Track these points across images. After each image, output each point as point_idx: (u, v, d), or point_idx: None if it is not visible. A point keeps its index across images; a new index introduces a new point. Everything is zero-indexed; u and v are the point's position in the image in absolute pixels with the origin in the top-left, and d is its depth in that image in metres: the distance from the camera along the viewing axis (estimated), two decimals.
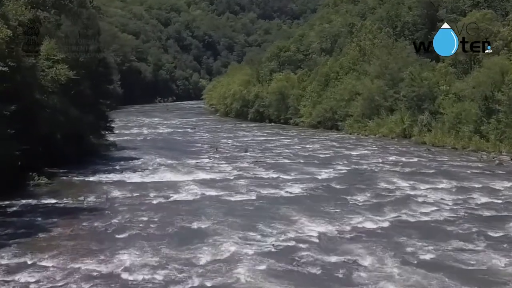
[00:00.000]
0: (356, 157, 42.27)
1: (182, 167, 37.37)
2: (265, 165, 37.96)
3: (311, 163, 39.18)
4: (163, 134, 62.89)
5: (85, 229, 20.79)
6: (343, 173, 34.84)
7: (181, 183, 30.74)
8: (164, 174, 34.17)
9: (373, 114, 61.20)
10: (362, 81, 64.50)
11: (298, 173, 34.23)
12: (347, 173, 34.89)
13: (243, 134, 62.72)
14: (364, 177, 33.06)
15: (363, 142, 53.56)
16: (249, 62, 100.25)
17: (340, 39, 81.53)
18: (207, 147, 49.79)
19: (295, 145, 51.13)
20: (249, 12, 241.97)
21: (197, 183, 30.58)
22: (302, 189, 28.95)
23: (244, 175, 33.64)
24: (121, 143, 51.27)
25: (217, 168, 37.14)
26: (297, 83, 77.11)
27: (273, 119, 79.01)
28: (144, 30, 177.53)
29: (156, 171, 35.45)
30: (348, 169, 36.26)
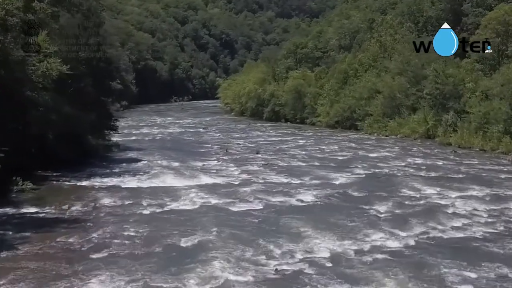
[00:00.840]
0: (376, 159, 38.98)
1: (186, 170, 34.44)
2: (276, 169, 34.84)
3: (327, 166, 35.98)
4: (173, 134, 60.03)
5: (58, 246, 17.80)
6: (362, 178, 31.57)
7: (182, 189, 27.75)
8: (165, 178, 31.20)
9: (394, 113, 57.86)
10: (383, 78, 61.13)
11: (312, 178, 31.05)
12: (366, 178, 31.61)
13: (257, 134, 59.63)
14: (385, 183, 29.78)
15: (383, 143, 50.19)
16: (265, 60, 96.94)
17: (359, 35, 78.00)
18: (216, 148, 46.79)
19: (310, 146, 47.91)
20: (267, 11, 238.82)
21: (199, 189, 27.57)
22: (315, 197, 25.76)
23: (252, 180, 30.53)
24: (127, 144, 48.67)
25: (224, 171, 34.11)
26: (314, 81, 73.82)
27: (289, 119, 75.82)
28: (160, 29, 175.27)
29: (158, 174, 32.50)
30: (367, 174, 32.99)
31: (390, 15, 73.47)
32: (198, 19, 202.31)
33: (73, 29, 38.71)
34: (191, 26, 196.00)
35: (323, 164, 36.72)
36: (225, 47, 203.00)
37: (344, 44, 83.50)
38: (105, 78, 41.30)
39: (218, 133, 60.97)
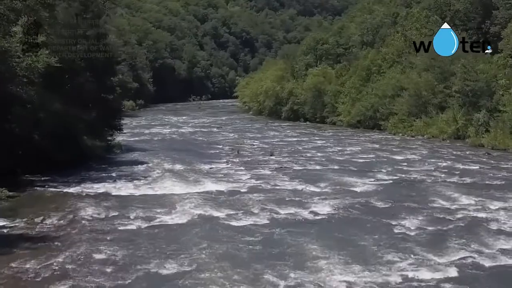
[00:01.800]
0: (402, 162, 35.14)
1: (190, 174, 31.03)
2: (290, 173, 31.20)
3: (347, 170, 32.24)
4: (185, 134, 56.67)
5: (9, 273, 14.34)
6: (387, 184, 27.76)
7: (179, 197, 24.24)
8: (164, 183, 27.79)
9: (420, 112, 53.84)
10: (408, 75, 57.09)
11: (330, 184, 27.34)
12: (391, 184, 27.80)
13: (273, 135, 55.99)
14: (413, 191, 25.97)
15: (409, 144, 46.26)
16: (284, 57, 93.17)
17: (382, 29, 73.86)
18: (228, 149, 43.30)
19: (329, 147, 44.18)
20: (288, 9, 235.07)
21: (199, 198, 24.05)
22: (332, 208, 22.02)
23: (261, 187, 26.94)
24: (133, 144, 45.66)
25: (232, 176, 30.57)
26: (335, 78, 69.96)
27: (308, 118, 72.07)
28: (179, 27, 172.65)
29: (157, 179, 29.13)
30: (393, 179, 29.17)
31: (416, 8, 69.25)
32: (218, 17, 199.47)
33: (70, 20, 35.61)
34: (211, 24, 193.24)
35: (343, 168, 33.00)
36: (245, 45, 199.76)
37: (366, 40, 79.39)
38: (105, 73, 37.90)
39: (232, 133, 57.47)
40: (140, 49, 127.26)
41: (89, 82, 36.31)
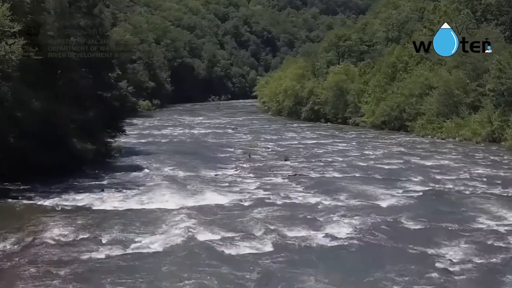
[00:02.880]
0: (434, 169, 30.91)
1: (191, 182, 27.23)
2: (305, 182, 27.19)
3: (371, 179, 28.12)
4: (197, 136, 52.91)
5: None
6: (418, 197, 23.55)
7: (170, 214, 20.38)
8: (157, 195, 23.97)
9: (451, 112, 49.44)
10: (437, 72, 52.56)
11: (351, 197, 23.27)
12: (423, 197, 23.59)
13: (290, 136, 51.94)
14: (450, 206, 21.79)
15: (440, 147, 41.95)
16: (305, 54, 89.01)
17: (409, 23, 69.46)
18: (239, 152, 39.44)
19: (352, 151, 40.02)
20: (311, 7, 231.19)
21: (194, 214, 20.19)
22: (353, 230, 17.91)
23: (270, 199, 22.97)
24: (138, 146, 42.30)
25: (238, 184, 26.69)
26: (358, 77, 65.71)
27: (329, 119, 67.89)
28: (199, 25, 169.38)
29: (151, 189, 25.34)
30: (425, 191, 24.95)
31: (445, 1, 64.69)
32: (239, 15, 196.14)
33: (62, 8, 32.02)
34: (231, 22, 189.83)
35: (366, 176, 28.85)
36: (266, 44, 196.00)
37: (392, 36, 75.12)
38: (103, 69, 34.22)
39: (247, 135, 53.55)
40: (158, 47, 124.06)
41: (85, 78, 32.82)
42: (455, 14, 59.80)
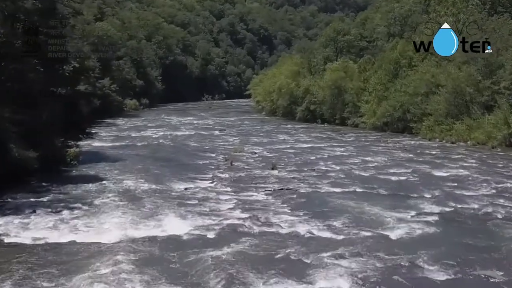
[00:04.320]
0: (450, 182, 25.57)
1: (152, 200, 21.91)
2: (293, 199, 21.88)
3: (374, 195, 22.81)
4: (179, 138, 47.53)
5: None
6: (436, 224, 18.16)
7: (102, 252, 15.15)
8: (100, 220, 18.63)
9: (461, 113, 44.26)
10: (445, 68, 47.18)
11: (350, 223, 17.95)
12: (443, 224, 18.18)
13: (283, 139, 46.54)
14: (482, 238, 16.43)
15: (451, 153, 36.67)
16: (301, 50, 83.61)
17: (413, 16, 64.36)
18: (221, 159, 34.12)
19: (351, 157, 34.67)
20: (309, 5, 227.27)
21: (133, 254, 14.89)
22: (352, 282, 12.55)
23: (244, 228, 17.61)
24: (106, 151, 37.32)
25: (210, 203, 21.39)
26: (358, 74, 60.36)
27: (326, 119, 62.53)
28: (194, 22, 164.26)
29: (97, 211, 20.05)
30: (444, 213, 19.61)
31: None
32: (236, 13, 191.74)
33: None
34: (227, 20, 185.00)
35: (369, 191, 23.52)
36: (263, 42, 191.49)
37: (393, 31, 70.07)
38: (54, 61, 28.79)
39: (234, 137, 48.19)
40: (148, 44, 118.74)
41: (35, 72, 27.59)
42: (464, 6, 54.59)
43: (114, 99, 79.02)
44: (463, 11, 53.83)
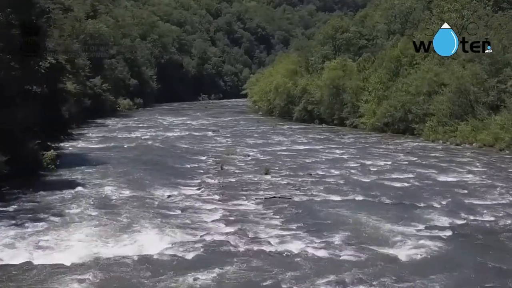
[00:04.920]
0: (459, 189, 23.35)
1: (130, 210, 19.68)
2: (287, 210, 19.64)
3: (377, 204, 20.57)
4: (169, 140, 45.22)
5: None
6: (449, 241, 15.84)
7: (60, 276, 12.81)
8: (68, 233, 16.36)
9: (466, 113, 42.03)
10: (449, 66, 45.04)
11: (350, 240, 15.71)
12: (457, 241, 15.89)
13: (278, 141, 44.27)
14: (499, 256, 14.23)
15: (457, 156, 34.44)
16: (298, 48, 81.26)
17: (414, 13, 62.28)
18: (211, 162, 31.87)
19: (350, 160, 32.40)
20: (307, 4, 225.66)
21: (96, 277, 12.72)
22: None
23: (229, 245, 15.35)
24: (89, 154, 35.16)
25: (194, 214, 19.15)
26: (357, 73, 58.08)
27: (324, 120, 60.22)
28: (190, 21, 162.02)
29: (65, 223, 17.80)
30: (457, 227, 17.34)
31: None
32: (233, 11, 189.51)
33: None
34: (224, 19, 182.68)
35: (371, 200, 21.28)
36: (261, 41, 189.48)
37: (394, 29, 67.89)
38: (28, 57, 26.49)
39: (228, 139, 45.94)
40: (143, 43, 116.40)
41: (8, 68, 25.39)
42: (467, 1, 52.39)
43: (107, 99, 76.75)
44: (466, 7, 51.71)
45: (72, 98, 55.87)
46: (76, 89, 58.70)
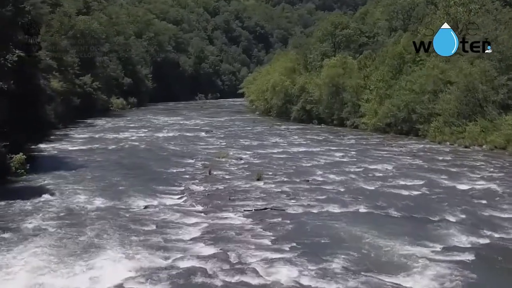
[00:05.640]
0: (474, 198, 20.63)
1: (98, 223, 16.97)
2: (278, 225, 16.90)
3: (384, 218, 17.80)
4: (158, 141, 42.45)
5: None
6: (472, 264, 13.15)
7: None
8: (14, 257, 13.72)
9: (474, 113, 39.27)
10: (455, 63, 42.24)
11: (354, 264, 13.00)
12: (481, 263, 13.20)
13: (274, 142, 41.49)
14: None
15: (467, 159, 31.67)
16: (296, 46, 78.36)
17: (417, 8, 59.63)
18: (199, 166, 29.10)
19: (351, 164, 29.60)
20: (307, 3, 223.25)
21: None
22: None
23: (206, 273, 12.66)
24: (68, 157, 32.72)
25: (169, 230, 16.44)
26: (357, 70, 55.26)
27: (323, 120, 57.39)
28: (187, 19, 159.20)
29: (21, 241, 15.08)
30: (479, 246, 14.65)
31: None
32: (231, 10, 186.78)
33: None
34: (222, 17, 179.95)
35: (377, 213, 18.49)
36: (259, 40, 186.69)
37: (395, 25, 65.31)
38: None
39: (221, 140, 43.16)
40: (138, 41, 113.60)
41: None
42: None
43: (98, 98, 73.99)
44: (474, 0, 49.02)
45: (59, 97, 53.35)
46: (62, 87, 56.17)
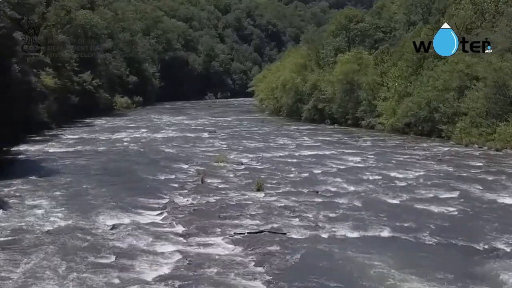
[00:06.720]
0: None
1: (48, 249, 13.32)
2: (277, 254, 12.97)
3: (414, 246, 13.76)
4: (154, 142, 38.67)
5: None
6: None
7: None
8: None
9: (505, 112, 35.43)
10: (483, 57, 37.98)
11: None
12: None
13: (281, 144, 37.48)
14: None
15: (501, 164, 27.69)
16: (309, 41, 74.27)
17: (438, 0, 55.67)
18: (192, 172, 25.17)
19: (368, 171, 25.52)
20: (320, 1, 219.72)
21: None
22: None
23: None
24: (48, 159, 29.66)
25: (133, 264, 12.51)
26: (373, 66, 51.20)
27: (336, 119, 53.44)
28: (197, 17, 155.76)
29: None
30: None
31: None
32: (242, 7, 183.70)
33: None
34: (233, 15, 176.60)
35: (405, 238, 14.41)
36: (271, 38, 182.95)
37: (414, 19, 61.13)
38: None
39: (224, 141, 39.29)
40: (145, 39, 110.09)
41: None
42: None
43: (100, 96, 70.42)
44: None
45: (53, 94, 49.70)
46: (57, 84, 52.54)
